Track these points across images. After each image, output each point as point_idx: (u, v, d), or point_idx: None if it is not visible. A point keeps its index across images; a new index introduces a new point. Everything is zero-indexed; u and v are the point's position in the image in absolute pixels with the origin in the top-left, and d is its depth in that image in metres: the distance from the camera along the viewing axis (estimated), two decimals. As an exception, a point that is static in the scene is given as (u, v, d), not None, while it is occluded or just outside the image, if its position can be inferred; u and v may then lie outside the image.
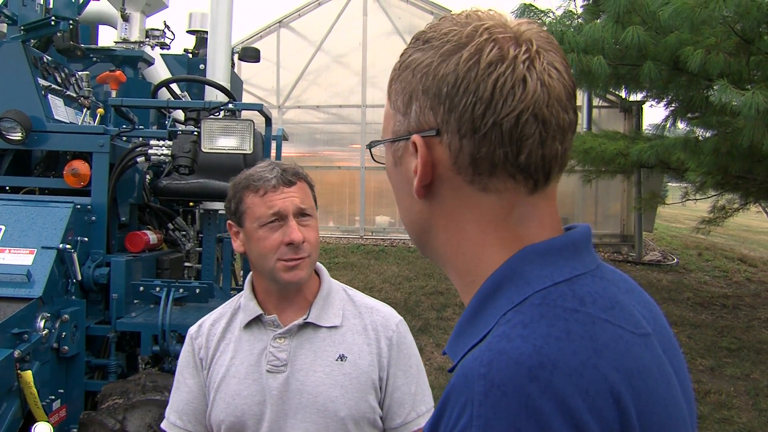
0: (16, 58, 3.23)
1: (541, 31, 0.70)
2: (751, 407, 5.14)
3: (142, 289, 3.16)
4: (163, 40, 4.49)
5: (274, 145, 3.92)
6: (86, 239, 3.03)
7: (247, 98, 9.67)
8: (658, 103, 7.91)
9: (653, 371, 0.64)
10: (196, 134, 3.17)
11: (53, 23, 3.27)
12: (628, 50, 5.62)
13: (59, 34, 3.44)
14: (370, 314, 1.57)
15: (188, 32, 4.88)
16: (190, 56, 4.70)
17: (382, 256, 9.63)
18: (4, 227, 2.84)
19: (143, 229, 3.53)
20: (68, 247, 2.82)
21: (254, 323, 1.53)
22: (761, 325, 7.25)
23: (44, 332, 2.60)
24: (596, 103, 10.56)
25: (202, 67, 4.34)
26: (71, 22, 3.36)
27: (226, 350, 1.53)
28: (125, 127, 3.36)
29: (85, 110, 3.64)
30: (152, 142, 3.21)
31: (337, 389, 1.45)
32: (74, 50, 3.61)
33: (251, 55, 4.74)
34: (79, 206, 3.00)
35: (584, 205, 10.85)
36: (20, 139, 3.08)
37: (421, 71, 0.71)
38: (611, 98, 10.56)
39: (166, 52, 4.55)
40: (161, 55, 4.44)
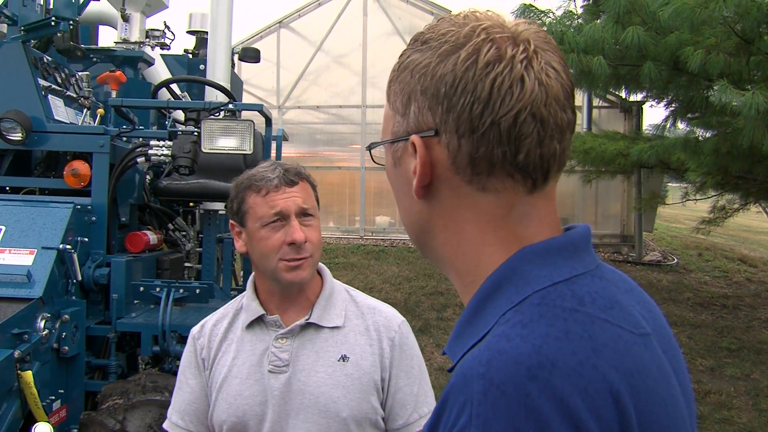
0: (16, 58, 3.23)
1: (538, 31, 0.71)
2: (751, 407, 5.14)
3: (142, 289, 3.17)
4: (163, 40, 4.49)
5: (274, 145, 3.92)
6: (86, 239, 3.03)
7: (247, 98, 9.67)
8: (658, 103, 7.91)
9: (652, 371, 0.64)
10: (196, 134, 3.17)
11: (53, 24, 3.27)
12: (628, 50, 5.62)
13: (59, 34, 3.45)
14: (372, 315, 1.56)
15: (188, 33, 4.88)
16: (190, 56, 4.70)
17: (382, 256, 9.63)
18: (4, 227, 2.84)
19: (143, 229, 3.53)
20: (68, 247, 2.82)
21: (256, 323, 1.52)
22: (761, 325, 7.25)
23: (44, 332, 2.60)
24: (596, 103, 10.56)
25: (202, 67, 4.34)
26: (71, 22, 3.36)
27: (228, 350, 1.53)
28: (125, 127, 3.36)
29: (85, 110, 3.64)
30: (152, 142, 3.21)
31: (339, 390, 1.45)
32: (74, 51, 3.61)
33: (251, 55, 4.74)
34: (79, 206, 3.00)
35: (584, 205, 10.85)
36: (20, 139, 3.08)
37: (419, 72, 0.71)
38: (611, 98, 10.56)
39: (166, 52, 4.55)
40: (161, 55, 4.44)
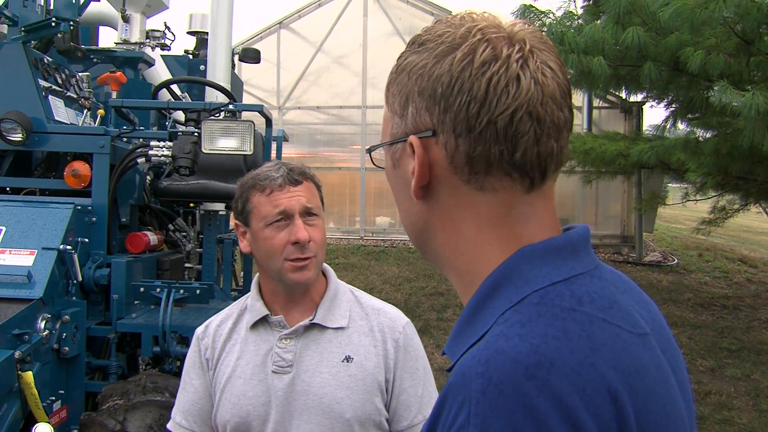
0: (16, 59, 3.23)
1: (534, 31, 0.71)
2: (751, 408, 5.14)
3: (142, 290, 3.17)
4: (163, 41, 4.50)
5: (274, 146, 3.92)
6: (87, 240, 3.02)
7: (247, 99, 9.67)
8: (658, 103, 7.91)
9: (651, 370, 0.64)
10: (196, 135, 3.17)
11: (54, 24, 3.27)
12: (628, 51, 5.62)
13: (60, 35, 3.45)
14: (376, 316, 1.55)
15: (189, 33, 4.89)
16: (190, 57, 4.70)
17: (382, 256, 9.63)
18: (4, 228, 2.84)
19: (144, 230, 3.53)
20: (69, 248, 2.82)
21: (260, 324, 1.52)
22: (761, 325, 7.25)
23: (45, 333, 2.60)
24: (596, 103, 10.56)
25: (202, 68, 4.35)
26: (72, 23, 3.36)
27: (232, 351, 1.53)
28: (126, 128, 3.36)
29: (85, 111, 3.64)
30: (153, 143, 3.21)
31: (342, 390, 1.45)
32: (75, 51, 3.61)
33: (251, 56, 4.75)
34: (79, 207, 3.00)
35: (584, 205, 10.85)
36: (21, 140, 3.08)
37: (416, 73, 0.71)
38: (611, 99, 10.56)
39: (166, 53, 4.56)
40: (162, 56, 4.44)
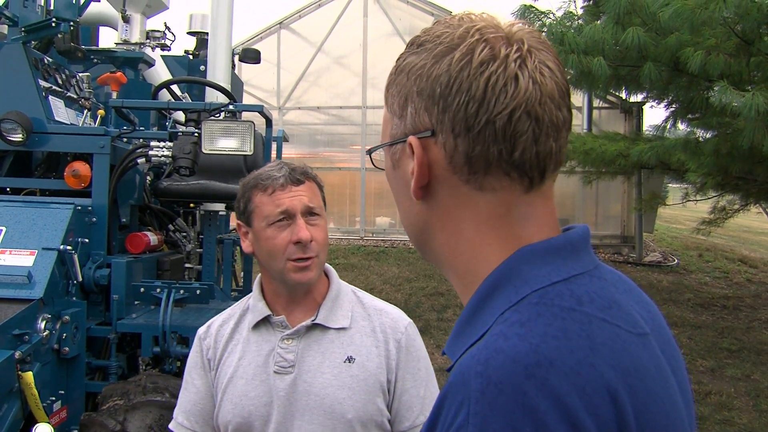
0: (16, 59, 3.23)
1: (532, 31, 0.71)
2: (751, 408, 5.14)
3: (142, 290, 3.17)
4: (163, 41, 4.49)
5: (274, 146, 3.92)
6: (87, 240, 3.02)
7: (247, 99, 9.68)
8: (658, 104, 7.91)
9: (650, 370, 0.64)
10: (196, 135, 3.17)
11: (54, 25, 3.27)
12: (628, 51, 5.62)
13: (60, 35, 3.45)
14: (378, 316, 1.55)
15: (189, 33, 4.89)
16: (190, 57, 4.71)
17: (382, 257, 9.63)
18: (4, 228, 2.84)
19: (144, 230, 3.53)
20: (69, 248, 2.82)
21: (262, 324, 1.52)
22: (762, 326, 7.25)
23: (45, 333, 2.60)
24: (596, 104, 10.56)
25: (202, 68, 4.35)
26: (72, 23, 3.36)
27: (234, 351, 1.53)
28: (126, 128, 3.36)
29: (85, 111, 3.64)
30: (153, 143, 3.21)
31: (344, 391, 1.44)
32: (75, 52, 3.61)
33: (252, 56, 4.75)
34: (79, 207, 3.00)
35: (585, 206, 10.85)
36: (21, 140, 3.08)
37: (415, 73, 0.72)
38: (611, 99, 10.56)
39: (166, 53, 4.56)
40: (162, 56, 4.44)
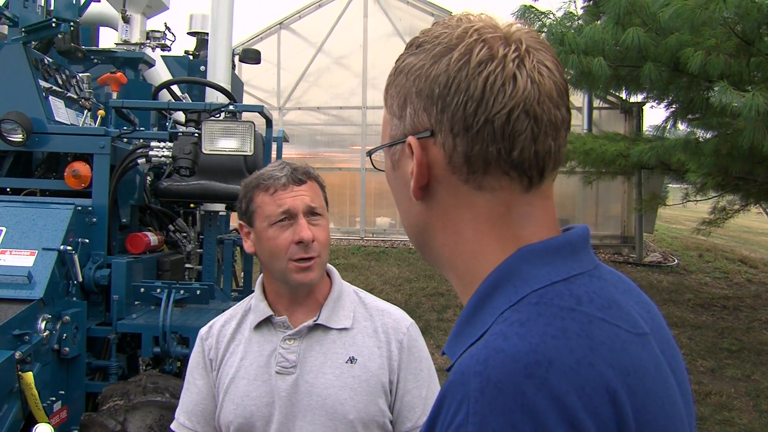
0: (17, 59, 3.24)
1: (530, 31, 0.71)
2: (751, 408, 5.14)
3: (142, 290, 3.17)
4: (163, 41, 4.50)
5: (274, 146, 3.92)
6: (87, 241, 3.03)
7: (247, 100, 9.69)
8: (658, 104, 7.91)
9: (650, 370, 0.65)
10: (196, 136, 3.18)
11: (54, 25, 3.28)
12: (628, 51, 5.62)
13: (60, 35, 3.45)
14: (381, 317, 1.55)
15: (189, 34, 4.89)
16: (190, 58, 4.71)
17: (382, 257, 9.63)
18: (5, 229, 2.84)
19: (144, 230, 3.54)
20: (69, 248, 2.82)
21: (264, 324, 1.52)
22: (762, 326, 7.24)
23: (45, 334, 2.60)
24: (596, 104, 10.56)
25: (202, 68, 4.35)
26: (72, 23, 3.37)
27: (235, 351, 1.52)
28: (126, 128, 3.37)
29: (86, 112, 3.64)
30: (153, 143, 3.22)
31: (346, 391, 1.44)
32: (75, 52, 3.61)
33: (252, 56, 4.75)
34: (80, 208, 3.00)
35: (585, 206, 10.85)
36: (21, 140, 3.08)
37: (413, 74, 0.72)
38: (612, 99, 10.56)
39: (166, 53, 4.56)
40: (162, 56, 4.44)
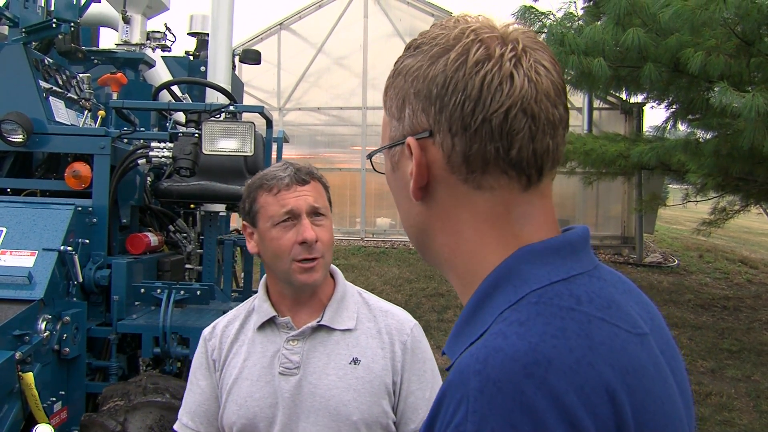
0: (17, 60, 3.24)
1: (527, 31, 0.72)
2: (752, 409, 5.13)
3: (143, 291, 3.17)
4: (164, 42, 4.50)
5: (275, 147, 3.92)
6: (87, 241, 3.03)
7: (247, 100, 9.69)
8: (658, 104, 7.91)
9: (649, 370, 0.65)
10: (197, 136, 3.18)
11: (54, 25, 3.28)
12: (628, 52, 5.62)
13: (60, 36, 3.45)
14: (384, 318, 1.55)
15: (189, 34, 4.89)
16: (191, 58, 4.71)
17: (382, 257, 9.63)
18: (5, 229, 2.84)
19: (144, 231, 3.54)
20: (69, 249, 2.82)
21: (268, 325, 1.52)
22: (762, 326, 7.24)
23: (45, 334, 2.60)
24: (597, 104, 10.57)
25: (203, 69, 4.35)
26: (72, 24, 3.37)
27: (239, 352, 1.52)
28: (126, 129, 3.37)
29: (86, 112, 3.64)
30: (153, 144, 3.22)
31: (350, 393, 1.44)
32: (75, 52, 3.61)
33: (252, 57, 4.75)
34: (80, 208, 3.00)
35: (585, 206, 10.85)
36: (21, 141, 3.08)
37: (411, 75, 0.72)
38: (612, 100, 10.56)
39: (167, 54, 4.56)
40: (162, 57, 4.45)
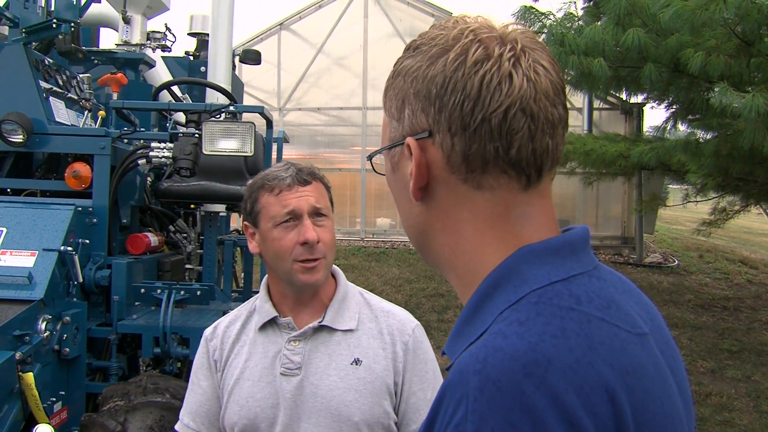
0: (17, 60, 3.24)
1: (526, 32, 0.72)
2: (752, 409, 5.13)
3: (143, 291, 3.17)
4: (164, 42, 4.50)
5: (275, 147, 3.92)
6: (87, 241, 3.03)
7: (247, 100, 9.69)
8: (658, 105, 7.91)
9: (649, 370, 0.65)
10: (197, 136, 3.18)
11: (55, 26, 3.28)
12: (628, 52, 5.63)
13: (61, 36, 3.45)
14: (386, 318, 1.54)
15: (189, 35, 4.89)
16: (191, 59, 4.71)
17: (382, 258, 9.63)
18: (5, 229, 2.84)
19: (144, 231, 3.54)
20: (69, 249, 2.82)
21: (269, 325, 1.51)
22: (762, 327, 7.24)
23: (45, 334, 2.60)
24: (597, 105, 10.56)
25: (203, 69, 4.35)
26: (73, 24, 3.37)
27: (240, 352, 1.52)
28: (126, 129, 3.37)
29: (86, 112, 3.64)
30: (153, 144, 3.22)
31: (351, 393, 1.43)
32: (76, 53, 3.61)
33: (252, 57, 4.75)
34: (80, 208, 3.01)
35: (585, 207, 10.85)
36: (22, 141, 3.08)
37: (411, 76, 0.73)
38: (612, 100, 10.56)
39: (167, 54, 4.56)
40: (162, 57, 4.45)
